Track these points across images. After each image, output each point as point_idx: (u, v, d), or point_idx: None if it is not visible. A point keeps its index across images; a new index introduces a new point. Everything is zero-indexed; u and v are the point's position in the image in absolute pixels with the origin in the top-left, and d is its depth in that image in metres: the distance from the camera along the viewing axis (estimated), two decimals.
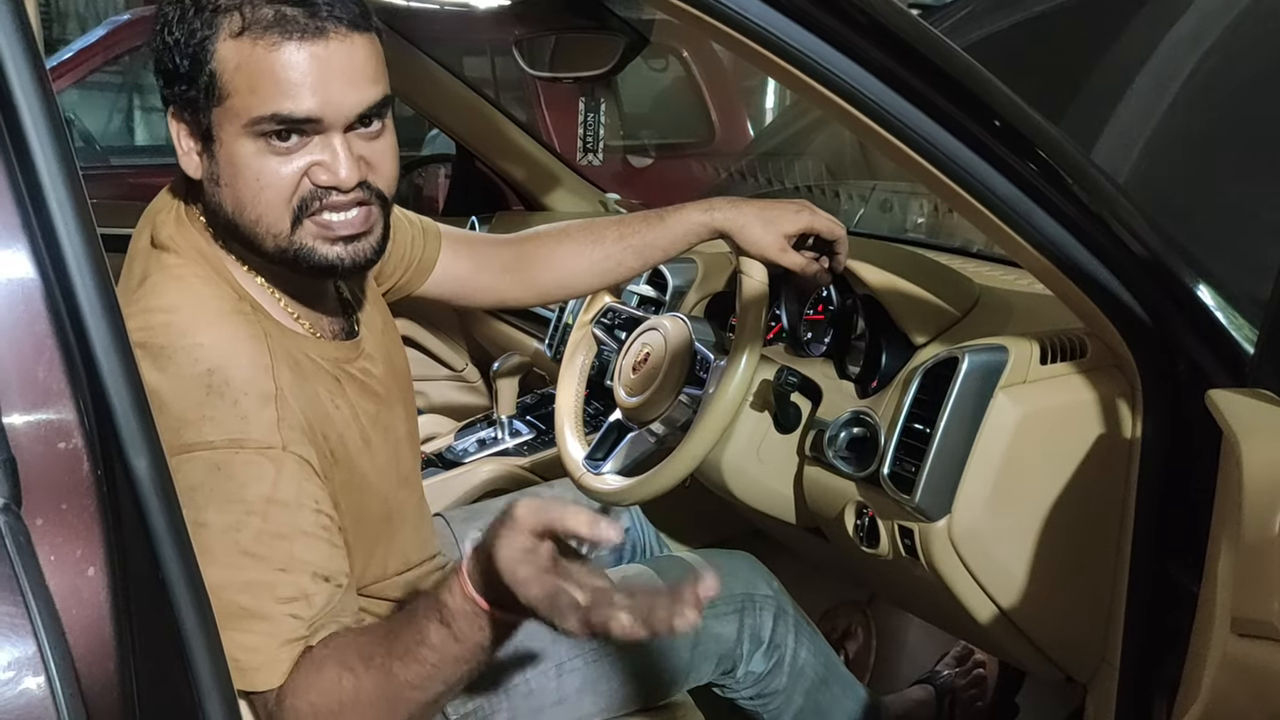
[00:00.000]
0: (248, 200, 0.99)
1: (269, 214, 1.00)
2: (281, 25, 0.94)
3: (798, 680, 1.42)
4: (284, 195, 0.99)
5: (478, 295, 1.43)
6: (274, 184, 0.98)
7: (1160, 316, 1.17)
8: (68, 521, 0.72)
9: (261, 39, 0.95)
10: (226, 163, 0.99)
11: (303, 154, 0.98)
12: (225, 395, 0.95)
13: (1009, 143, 1.09)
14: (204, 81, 0.97)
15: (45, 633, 0.68)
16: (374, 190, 1.03)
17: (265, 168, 0.98)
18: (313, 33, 0.95)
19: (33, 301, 0.72)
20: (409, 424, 1.22)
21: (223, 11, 0.95)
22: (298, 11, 0.95)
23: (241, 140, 0.97)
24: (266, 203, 0.99)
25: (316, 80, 0.96)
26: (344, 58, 0.97)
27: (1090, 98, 1.98)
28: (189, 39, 0.96)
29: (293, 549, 0.94)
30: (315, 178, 0.99)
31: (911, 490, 1.22)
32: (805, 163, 2.56)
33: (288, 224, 1.00)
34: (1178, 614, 1.11)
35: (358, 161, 1.00)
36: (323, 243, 1.01)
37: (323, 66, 0.96)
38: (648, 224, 1.37)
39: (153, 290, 1.01)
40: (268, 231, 1.00)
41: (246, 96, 0.96)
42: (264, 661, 0.91)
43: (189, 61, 0.97)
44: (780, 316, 1.55)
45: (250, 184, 0.99)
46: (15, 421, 0.71)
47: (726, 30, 1.02)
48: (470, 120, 2.55)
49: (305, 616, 0.93)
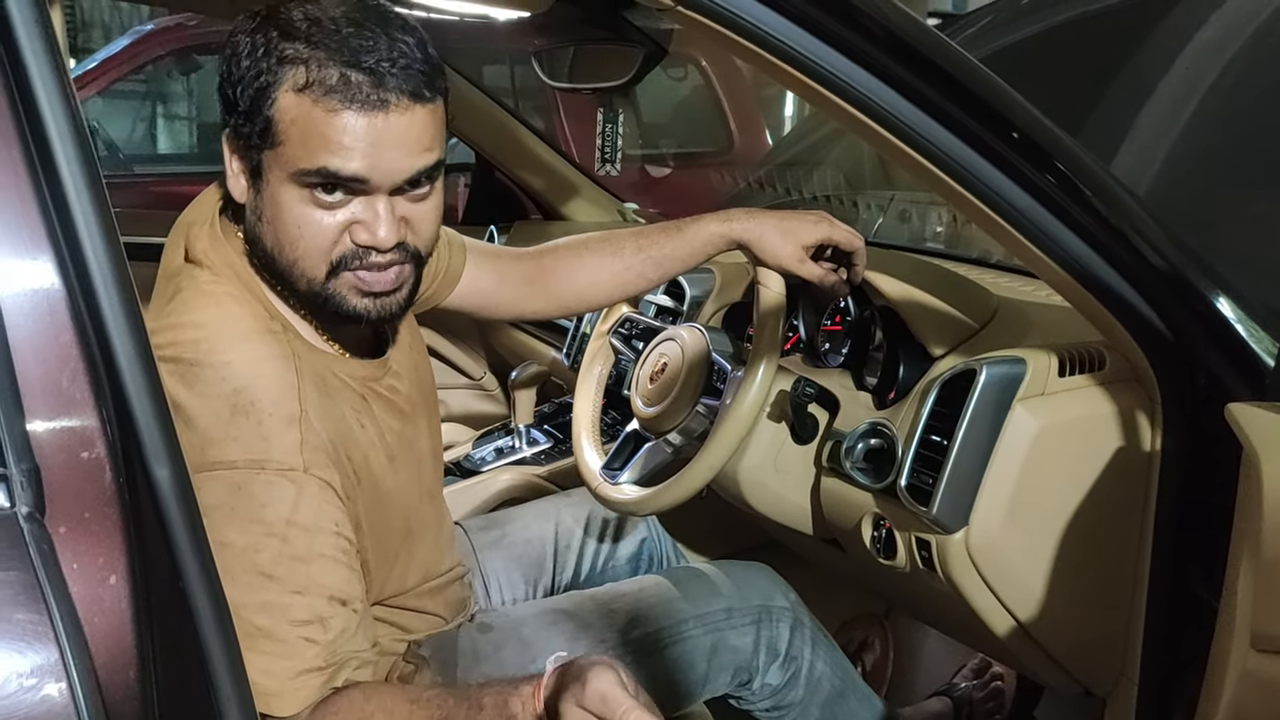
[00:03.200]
0: (287, 243, 1.01)
1: (305, 260, 1.01)
2: (344, 91, 0.95)
3: (814, 692, 1.41)
4: (323, 247, 1.00)
5: (500, 308, 1.43)
6: (314, 235, 0.99)
7: (1180, 330, 1.16)
8: (90, 530, 0.73)
9: (322, 101, 0.95)
10: (270, 201, 1.00)
11: (345, 210, 0.99)
12: (250, 415, 0.95)
13: (1026, 154, 1.09)
14: (260, 124, 0.97)
15: (68, 640, 0.69)
16: (410, 251, 1.03)
17: (307, 218, 0.99)
18: (374, 104, 0.95)
19: (57, 312, 0.73)
20: (433, 439, 1.23)
21: (289, 63, 0.95)
22: (364, 79, 0.95)
23: (288, 186, 0.98)
24: (305, 250, 1.00)
25: (369, 146, 0.96)
26: (401, 129, 0.97)
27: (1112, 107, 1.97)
28: (254, 79, 0.97)
29: (310, 571, 0.94)
30: (355, 236, 1.00)
31: (929, 502, 1.22)
32: (823, 173, 2.56)
33: (323, 274, 1.01)
34: (1198, 629, 1.11)
35: (399, 223, 1.01)
36: (354, 294, 1.02)
37: (377, 135, 0.96)
38: (666, 235, 1.38)
39: (184, 305, 1.02)
40: (303, 275, 1.02)
41: (297, 148, 0.96)
42: (280, 687, 0.92)
43: (249, 101, 0.97)
44: (798, 327, 1.55)
45: (290, 229, 1.00)
46: (39, 431, 0.72)
47: (742, 43, 1.02)
48: (489, 130, 2.56)
49: (320, 641, 0.93)
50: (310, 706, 0.93)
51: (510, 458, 2.06)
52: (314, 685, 0.93)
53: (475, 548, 1.47)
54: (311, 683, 0.92)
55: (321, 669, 0.93)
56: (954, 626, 1.53)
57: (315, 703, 0.93)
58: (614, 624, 1.32)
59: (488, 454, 2.10)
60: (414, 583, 1.17)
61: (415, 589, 1.17)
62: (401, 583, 1.15)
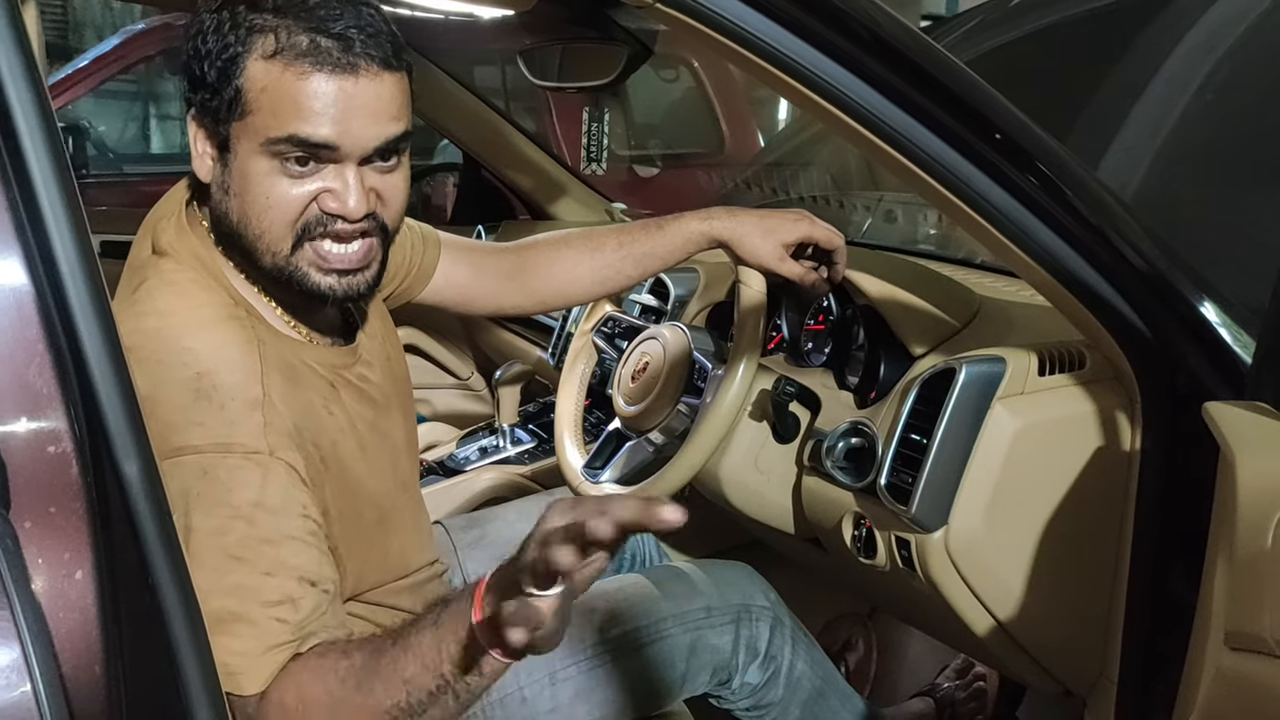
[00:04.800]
0: (253, 215, 1.00)
1: (271, 232, 1.01)
2: (314, 55, 0.96)
3: (794, 692, 1.41)
4: (290, 217, 1.00)
5: (477, 302, 1.43)
6: (281, 204, 1.00)
7: (1160, 329, 1.16)
8: (56, 525, 0.72)
9: (292, 65, 0.96)
10: (239, 175, 1.00)
11: (315, 179, 0.99)
12: (213, 399, 0.95)
13: (1008, 155, 1.09)
14: (229, 94, 0.97)
15: (31, 637, 0.68)
16: (379, 223, 1.03)
17: (276, 188, 0.99)
18: (344, 67, 0.96)
19: (24, 306, 0.72)
20: (407, 430, 1.23)
21: (258, 31, 0.96)
22: (332, 44, 0.96)
23: (256, 157, 0.98)
24: (271, 221, 1.00)
25: (340, 112, 0.97)
26: (370, 94, 0.98)
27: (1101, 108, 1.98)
28: (221, 51, 0.97)
29: (279, 553, 0.94)
30: (324, 204, 1.00)
31: (908, 501, 1.21)
32: (811, 173, 2.56)
33: (288, 245, 1.01)
34: (1177, 628, 1.11)
35: (368, 193, 1.01)
36: (317, 271, 1.02)
37: (348, 100, 0.97)
38: (646, 233, 1.38)
39: (147, 295, 1.02)
40: (268, 249, 1.02)
41: (267, 116, 0.97)
42: (248, 665, 0.91)
43: (217, 73, 0.97)
44: (781, 326, 1.55)
45: (258, 200, 1.00)
46: (5, 425, 0.71)
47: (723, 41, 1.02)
48: (477, 130, 2.56)
49: (291, 620, 0.93)
50: (272, 679, 0.92)
51: (494, 457, 2.06)
52: (280, 660, 0.92)
53: (456, 546, 1.47)
54: (278, 657, 0.92)
55: (289, 643, 0.93)
56: (935, 626, 1.53)
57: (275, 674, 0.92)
58: (593, 622, 1.31)
59: (471, 453, 2.09)
60: (393, 575, 1.16)
61: (391, 584, 1.16)
62: (380, 575, 1.14)
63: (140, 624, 0.75)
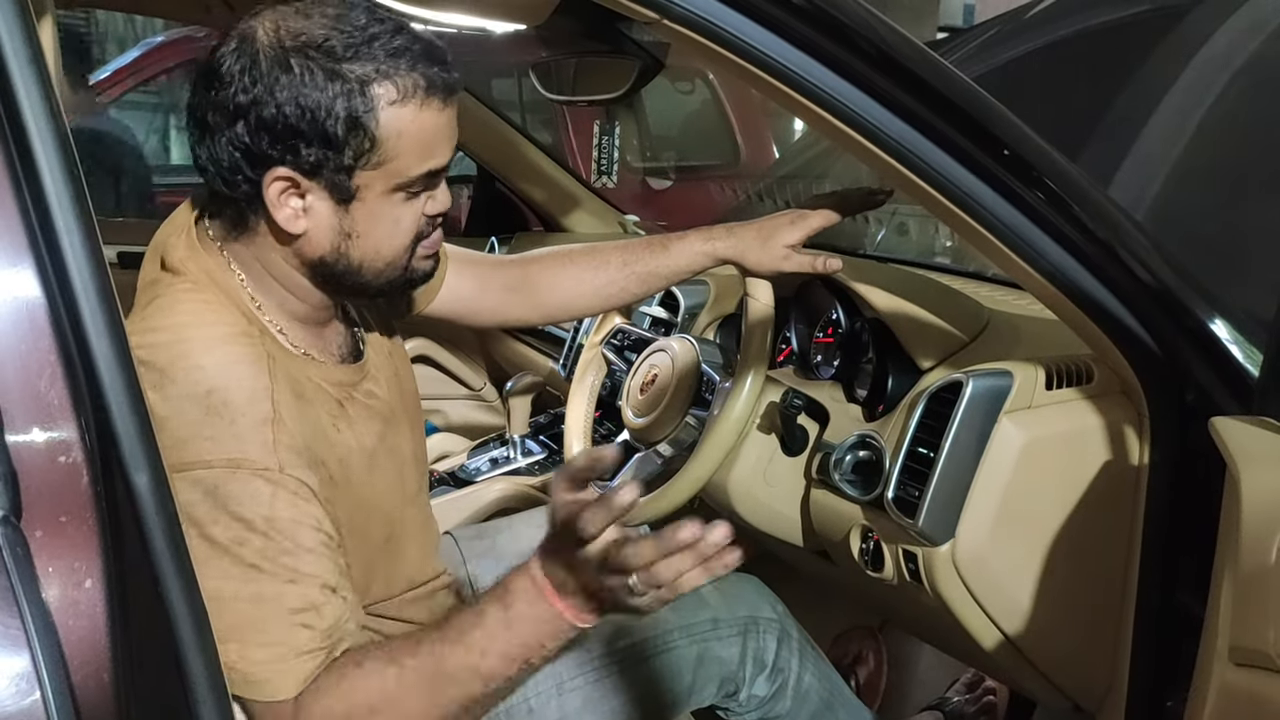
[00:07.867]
0: (385, 247, 1.05)
1: (397, 253, 1.06)
2: (431, 89, 0.99)
3: (802, 704, 1.41)
4: (414, 234, 1.06)
5: (482, 315, 1.44)
6: (409, 228, 1.06)
7: (1168, 344, 1.16)
8: (67, 534, 0.73)
9: (425, 104, 0.99)
10: (366, 218, 1.03)
11: (425, 193, 1.05)
12: (223, 415, 0.96)
13: (1015, 171, 1.09)
14: (358, 147, 0.98)
15: (41, 645, 0.69)
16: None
17: (405, 216, 1.05)
18: (453, 88, 1.02)
19: (37, 317, 0.73)
20: (415, 444, 1.23)
21: (372, 82, 0.97)
22: (437, 69, 1.00)
23: (388, 196, 1.02)
24: (398, 244, 1.06)
25: (452, 131, 1.04)
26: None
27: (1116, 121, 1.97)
28: (330, 107, 0.96)
29: (297, 563, 0.95)
30: (429, 210, 1.06)
31: (915, 514, 1.22)
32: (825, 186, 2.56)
33: (407, 256, 1.07)
34: (1186, 643, 1.10)
35: None
36: (423, 260, 1.10)
37: (451, 117, 1.03)
38: (651, 251, 1.38)
39: (159, 311, 1.03)
40: (390, 266, 1.07)
41: (408, 159, 1.00)
42: (277, 673, 0.92)
43: (339, 129, 0.96)
44: (790, 339, 1.56)
45: (389, 231, 1.04)
46: (17, 435, 0.72)
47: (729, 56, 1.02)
48: (491, 142, 2.58)
49: (317, 627, 0.94)
50: (306, 683, 0.93)
51: (505, 468, 2.06)
52: (311, 666, 0.93)
53: (465, 557, 1.47)
54: (308, 664, 0.93)
55: (318, 649, 0.94)
56: (943, 639, 1.53)
57: (311, 679, 0.94)
58: (600, 634, 1.31)
59: (482, 464, 2.10)
60: (398, 589, 1.17)
61: (399, 596, 1.17)
62: (385, 589, 1.15)
63: (149, 632, 0.75)
